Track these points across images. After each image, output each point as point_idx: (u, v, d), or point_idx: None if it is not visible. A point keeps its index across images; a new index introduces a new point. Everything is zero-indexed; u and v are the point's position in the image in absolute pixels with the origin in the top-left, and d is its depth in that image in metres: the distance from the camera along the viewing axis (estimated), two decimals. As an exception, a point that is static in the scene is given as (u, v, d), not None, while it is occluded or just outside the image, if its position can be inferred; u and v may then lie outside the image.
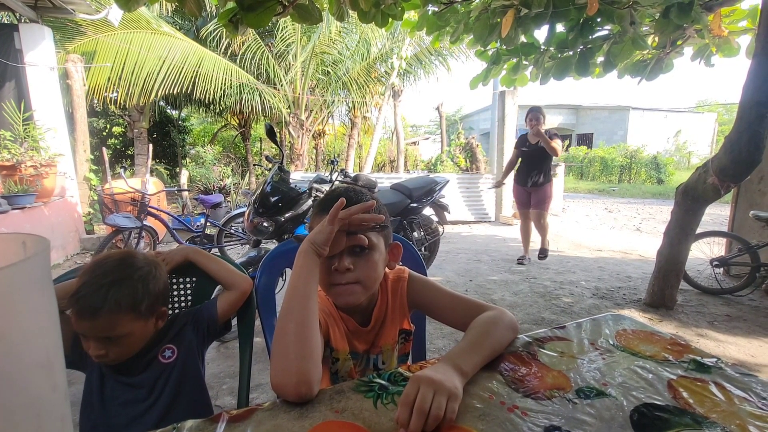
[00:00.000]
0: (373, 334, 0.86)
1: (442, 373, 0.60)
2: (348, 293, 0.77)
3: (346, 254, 0.76)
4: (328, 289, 0.79)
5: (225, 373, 2.05)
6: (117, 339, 0.79)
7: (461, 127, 12.63)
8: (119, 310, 0.77)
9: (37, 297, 0.31)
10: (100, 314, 0.75)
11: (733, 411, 0.58)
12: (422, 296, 0.88)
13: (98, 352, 0.77)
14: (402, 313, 0.89)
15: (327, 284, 0.78)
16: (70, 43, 6.22)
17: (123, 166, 9.60)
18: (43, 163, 4.01)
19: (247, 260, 2.35)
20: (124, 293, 0.78)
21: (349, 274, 0.76)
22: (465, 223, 6.87)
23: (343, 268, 0.75)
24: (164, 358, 0.87)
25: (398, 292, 0.89)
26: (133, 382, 0.84)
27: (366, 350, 0.86)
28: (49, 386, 0.32)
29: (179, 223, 4.27)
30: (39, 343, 0.32)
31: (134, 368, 0.85)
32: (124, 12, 3.90)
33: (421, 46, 8.43)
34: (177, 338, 0.90)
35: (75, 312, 0.76)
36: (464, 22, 2.48)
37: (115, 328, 0.77)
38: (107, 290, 0.76)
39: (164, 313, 0.88)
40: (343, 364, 0.83)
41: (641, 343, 0.78)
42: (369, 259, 0.78)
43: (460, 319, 0.81)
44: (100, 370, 0.84)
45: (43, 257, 0.32)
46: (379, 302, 0.87)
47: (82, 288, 0.77)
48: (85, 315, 0.75)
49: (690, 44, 2.72)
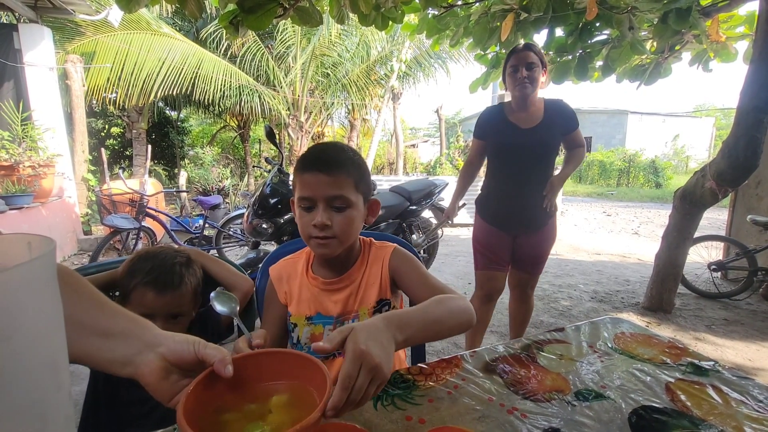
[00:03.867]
0: (347, 293, 0.86)
1: (382, 349, 0.52)
2: (325, 245, 0.80)
3: (324, 209, 0.78)
4: (307, 240, 0.82)
5: (223, 375, 2.05)
6: (180, 317, 0.85)
7: (460, 130, 12.65)
8: (189, 286, 0.85)
9: (42, 297, 0.32)
10: (180, 287, 0.83)
11: (730, 414, 0.58)
12: (400, 268, 0.88)
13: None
14: (382, 280, 0.88)
15: (306, 235, 0.81)
16: (70, 44, 6.21)
17: (121, 166, 9.59)
18: (41, 163, 4.00)
19: (246, 262, 2.35)
20: (191, 272, 0.87)
21: (327, 230, 0.78)
22: (464, 226, 6.88)
23: (321, 224, 0.77)
24: None
25: (380, 259, 0.90)
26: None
27: (340, 314, 0.85)
28: (54, 386, 0.32)
29: (177, 224, 4.27)
30: (44, 344, 0.32)
31: None
32: (124, 13, 3.91)
33: (420, 49, 8.46)
34: None
35: (154, 290, 0.81)
36: (464, 25, 2.49)
37: (185, 304, 0.85)
38: (179, 268, 0.84)
39: (198, 305, 0.92)
40: (302, 330, 0.85)
41: (639, 346, 0.78)
42: (347, 215, 0.80)
43: (424, 297, 0.76)
44: None
45: (49, 258, 0.32)
46: (359, 262, 0.89)
47: (153, 270, 0.82)
48: (167, 289, 0.81)
49: (688, 49, 2.74)
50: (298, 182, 0.79)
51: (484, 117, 1.90)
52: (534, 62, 1.72)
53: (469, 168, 1.98)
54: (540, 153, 1.79)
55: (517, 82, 1.73)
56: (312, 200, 0.78)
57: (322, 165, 0.77)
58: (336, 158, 0.79)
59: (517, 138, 1.78)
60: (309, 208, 0.78)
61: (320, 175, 0.77)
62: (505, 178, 1.86)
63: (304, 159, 0.80)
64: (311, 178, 0.77)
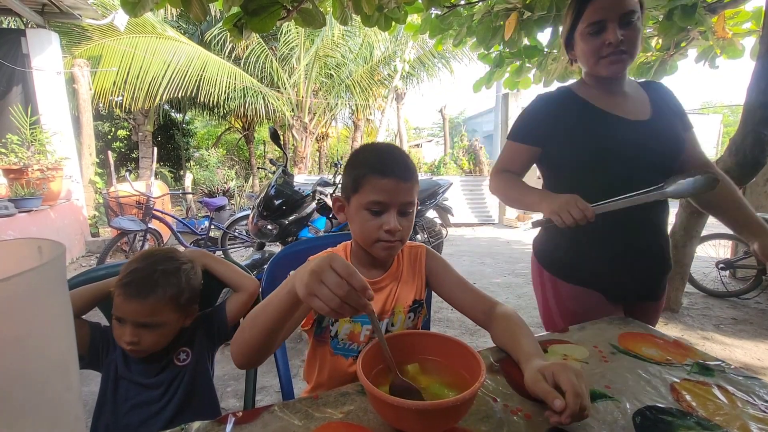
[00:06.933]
0: (386, 293, 0.86)
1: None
2: (392, 248, 0.80)
3: (396, 214, 0.77)
4: (371, 244, 0.80)
5: (229, 376, 2.06)
6: (154, 327, 0.82)
7: (464, 130, 12.63)
8: (164, 297, 0.82)
9: (53, 301, 0.32)
10: (149, 297, 0.80)
11: (736, 414, 0.58)
12: (436, 269, 0.90)
13: (132, 338, 0.80)
14: (419, 279, 0.90)
15: (372, 239, 0.79)
16: (77, 48, 6.29)
17: (128, 169, 9.64)
18: (49, 166, 4.05)
19: (251, 263, 2.36)
20: (172, 282, 0.83)
21: (397, 233, 0.77)
22: (468, 226, 6.87)
23: (396, 229, 0.76)
24: (179, 361, 0.89)
25: (416, 259, 0.91)
26: (148, 383, 0.86)
27: (379, 314, 0.85)
28: (64, 387, 0.33)
29: (183, 225, 4.30)
30: (55, 345, 0.33)
31: (151, 369, 0.87)
32: (130, 17, 3.95)
33: (423, 48, 8.46)
34: (191, 341, 0.92)
35: (123, 294, 0.80)
36: (467, 25, 2.49)
37: (157, 314, 0.82)
38: (158, 277, 0.82)
39: (194, 311, 0.91)
40: (342, 326, 0.84)
41: (644, 346, 0.78)
42: (411, 219, 0.81)
43: (470, 304, 0.85)
44: (116, 371, 0.86)
45: (59, 262, 0.33)
46: (396, 262, 0.89)
47: (131, 273, 0.81)
48: (135, 297, 0.80)
49: (694, 46, 2.71)
50: (369, 186, 0.77)
51: (545, 107, 1.11)
52: (633, 10, 0.98)
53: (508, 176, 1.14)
54: (662, 161, 1.02)
55: (604, 50, 0.99)
56: (386, 205, 0.77)
57: (402, 172, 0.77)
58: (410, 165, 0.79)
59: (626, 135, 1.01)
60: (379, 212, 0.77)
61: (399, 181, 0.76)
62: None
63: (380, 163, 0.77)
64: (390, 183, 0.76)
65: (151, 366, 0.87)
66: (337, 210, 0.86)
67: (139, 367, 0.87)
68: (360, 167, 0.79)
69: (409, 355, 0.64)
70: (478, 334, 2.50)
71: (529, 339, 0.71)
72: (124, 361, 0.87)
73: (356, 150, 0.86)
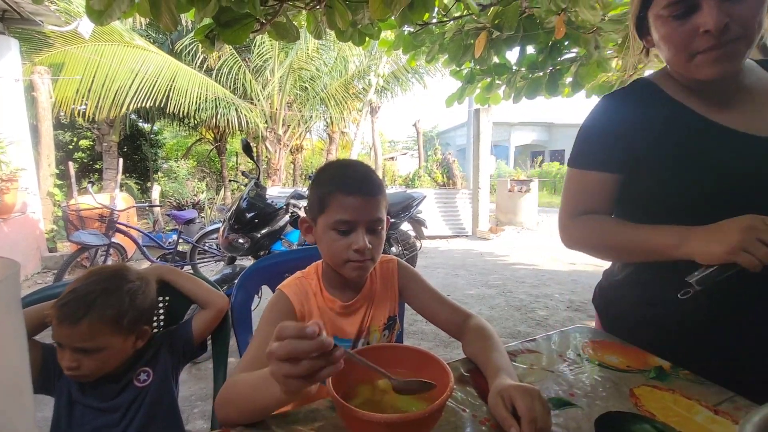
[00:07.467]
0: (362, 313, 0.85)
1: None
2: (363, 268, 0.77)
3: (365, 233, 0.75)
4: (341, 264, 0.77)
5: (196, 396, 1.98)
6: (93, 352, 0.77)
7: (438, 143, 12.86)
8: (101, 319, 0.76)
9: (5, 321, 0.31)
10: (81, 322, 0.74)
11: (690, 417, 0.61)
12: (409, 284, 0.90)
13: (71, 364, 0.75)
14: (391, 295, 0.88)
15: (341, 260, 0.76)
16: (38, 55, 6.03)
17: (90, 180, 9.24)
18: (3, 178, 3.83)
19: (221, 277, 2.30)
20: (110, 303, 0.77)
21: (367, 252, 0.75)
22: (442, 238, 6.95)
23: (364, 248, 0.74)
24: (139, 382, 0.85)
25: (388, 274, 0.89)
26: (105, 407, 0.82)
27: (356, 336, 0.84)
28: (17, 410, 0.31)
29: (150, 239, 4.14)
30: (7, 367, 0.31)
31: (108, 392, 0.82)
32: (96, 25, 3.85)
33: (397, 63, 8.62)
34: (153, 361, 0.88)
35: (56, 317, 0.74)
36: (439, 42, 2.56)
37: (94, 339, 0.76)
38: (94, 298, 0.76)
39: (146, 333, 0.86)
40: None
41: (606, 354, 0.81)
42: (381, 236, 0.79)
43: (444, 317, 0.86)
44: (69, 396, 0.81)
45: (12, 281, 0.32)
46: (369, 280, 0.87)
47: (69, 294, 0.76)
48: (65, 321, 0.74)
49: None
50: (334, 205, 0.75)
51: (620, 114, 0.79)
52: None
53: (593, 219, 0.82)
54: None
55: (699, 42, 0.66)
56: (353, 223, 0.75)
57: (367, 188, 0.75)
58: (375, 180, 0.77)
59: (747, 162, 0.70)
60: (346, 231, 0.75)
61: (364, 198, 0.74)
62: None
63: (344, 181, 0.76)
64: (355, 201, 0.74)
65: (107, 388, 0.82)
66: (305, 231, 0.83)
67: (94, 390, 0.82)
68: (324, 185, 0.77)
69: (382, 368, 0.64)
70: (452, 347, 2.52)
71: (498, 353, 0.72)
72: (78, 385, 0.81)
73: (321, 168, 0.84)
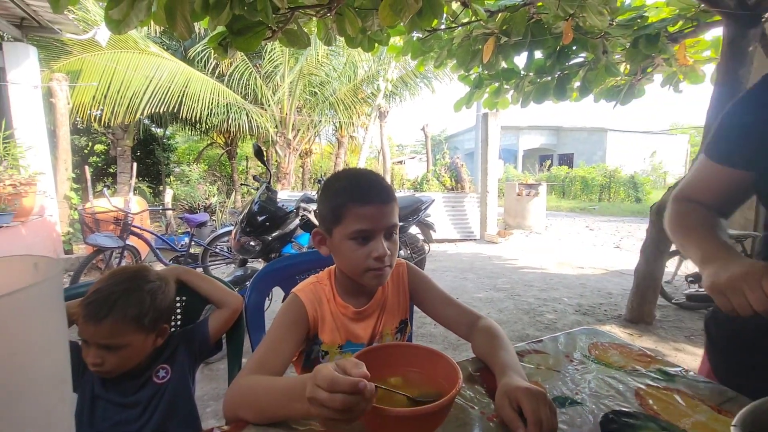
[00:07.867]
0: (375, 318, 0.86)
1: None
2: (382, 276, 0.78)
3: (383, 240, 0.76)
4: (361, 273, 0.77)
5: (209, 396, 2.02)
6: (116, 349, 0.81)
7: (446, 147, 12.87)
8: (124, 318, 0.80)
9: (49, 316, 0.34)
10: (105, 320, 0.78)
11: (695, 416, 0.62)
12: (419, 287, 0.91)
13: (95, 360, 0.79)
14: (402, 299, 0.90)
15: (362, 268, 0.77)
16: (56, 62, 6.19)
17: (105, 184, 9.45)
18: (22, 181, 3.93)
19: (234, 279, 2.34)
20: (132, 303, 0.81)
21: (386, 259, 0.76)
22: (451, 242, 6.94)
23: (385, 254, 0.75)
24: (158, 378, 0.88)
25: (399, 277, 0.90)
26: (126, 402, 0.85)
27: (368, 340, 0.85)
28: (58, 398, 0.34)
29: (163, 242, 4.22)
30: (50, 358, 0.34)
31: (129, 388, 0.86)
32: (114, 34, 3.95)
33: (406, 68, 8.66)
34: (171, 358, 0.91)
35: (82, 316, 0.79)
36: (447, 48, 2.59)
37: (117, 336, 0.80)
38: (117, 298, 0.80)
39: (165, 330, 0.90)
40: (333, 358, 0.82)
41: (612, 355, 0.82)
42: (396, 241, 0.80)
43: (454, 319, 0.87)
44: (92, 391, 0.85)
45: (56, 280, 0.34)
46: (381, 287, 0.87)
47: (93, 294, 0.80)
48: (90, 319, 0.78)
49: (659, 72, 2.89)
50: (351, 215, 0.75)
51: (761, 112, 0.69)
52: None
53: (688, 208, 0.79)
54: None
55: None
56: (371, 232, 0.75)
57: (381, 196, 0.76)
58: (386, 187, 0.78)
59: None
60: (365, 240, 0.76)
61: (380, 206, 0.75)
62: None
63: (358, 191, 0.76)
64: (373, 210, 0.75)
65: (128, 384, 0.86)
66: (318, 243, 0.83)
67: (116, 386, 0.85)
68: (337, 197, 0.77)
69: (393, 367, 0.66)
70: (461, 349, 2.52)
71: (506, 351, 0.74)
72: (100, 381, 0.85)
73: (329, 179, 0.84)
